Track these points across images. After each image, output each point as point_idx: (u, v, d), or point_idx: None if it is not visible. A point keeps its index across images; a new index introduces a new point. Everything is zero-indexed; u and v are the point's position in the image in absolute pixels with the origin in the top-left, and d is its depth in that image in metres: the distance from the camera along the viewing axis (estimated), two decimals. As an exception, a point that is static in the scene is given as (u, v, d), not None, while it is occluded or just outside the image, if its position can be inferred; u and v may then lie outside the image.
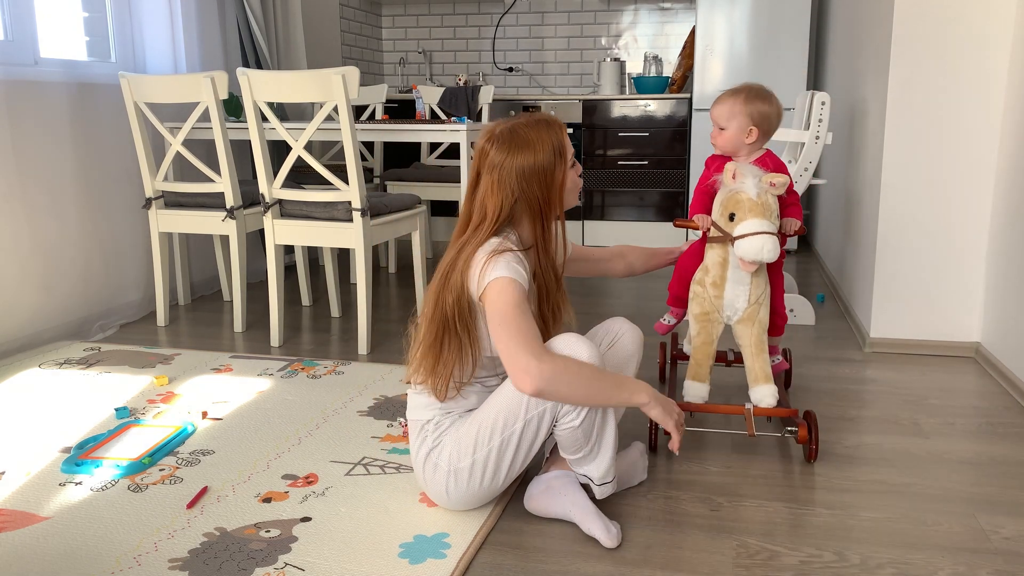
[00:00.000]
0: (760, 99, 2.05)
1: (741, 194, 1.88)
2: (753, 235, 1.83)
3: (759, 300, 1.99)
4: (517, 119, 1.67)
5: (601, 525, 1.62)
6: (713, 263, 1.98)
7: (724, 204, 1.92)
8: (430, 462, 1.67)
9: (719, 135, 2.11)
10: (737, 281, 1.95)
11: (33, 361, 2.79)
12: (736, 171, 1.88)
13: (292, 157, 2.88)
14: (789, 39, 4.61)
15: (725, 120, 2.08)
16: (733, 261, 1.94)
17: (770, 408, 1.98)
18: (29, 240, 2.93)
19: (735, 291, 1.96)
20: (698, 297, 2.03)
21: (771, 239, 1.83)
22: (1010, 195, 2.59)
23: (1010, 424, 2.25)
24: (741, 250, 1.85)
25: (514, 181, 1.61)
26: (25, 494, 1.85)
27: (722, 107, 2.08)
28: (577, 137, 5.04)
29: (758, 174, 1.89)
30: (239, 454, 2.05)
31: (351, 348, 2.99)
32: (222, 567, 1.54)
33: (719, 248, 1.96)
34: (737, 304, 1.98)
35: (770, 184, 1.88)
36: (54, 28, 3.19)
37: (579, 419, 1.58)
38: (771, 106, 2.06)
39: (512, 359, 1.50)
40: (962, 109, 2.71)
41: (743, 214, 1.86)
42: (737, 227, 1.87)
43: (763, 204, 1.86)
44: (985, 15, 2.63)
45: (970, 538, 1.66)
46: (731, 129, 2.07)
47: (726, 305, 1.99)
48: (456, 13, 5.72)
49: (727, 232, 1.90)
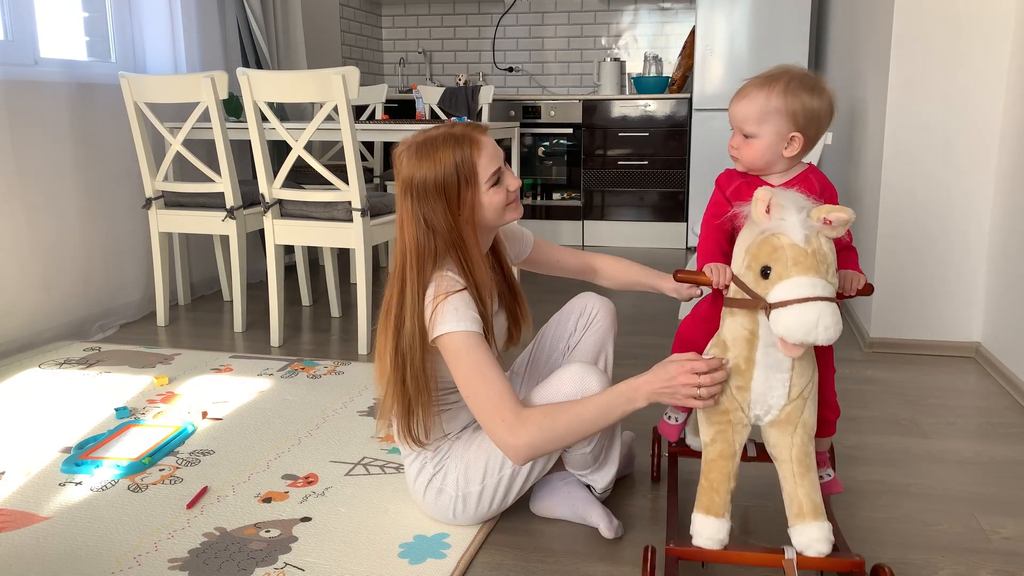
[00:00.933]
0: (807, 90, 1.41)
1: (781, 237, 1.27)
2: (801, 302, 1.23)
3: (804, 394, 1.36)
4: (437, 128, 1.53)
5: (603, 515, 1.63)
6: (734, 338, 1.37)
7: (754, 252, 1.31)
8: (433, 487, 1.64)
9: (745, 145, 1.46)
10: (772, 367, 1.35)
11: (33, 361, 2.79)
12: (772, 201, 1.28)
13: (292, 157, 2.88)
14: (789, 39, 4.61)
15: (755, 123, 1.43)
16: (765, 337, 1.33)
17: (822, 558, 1.33)
18: (29, 240, 2.93)
19: (768, 381, 1.36)
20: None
21: (829, 308, 1.22)
22: (1010, 195, 2.59)
23: (1010, 424, 2.25)
24: (782, 325, 1.24)
25: (421, 204, 1.48)
26: (25, 494, 1.85)
27: (750, 103, 1.44)
28: (577, 137, 5.04)
29: (806, 206, 1.28)
30: (239, 454, 2.05)
31: (351, 348, 2.99)
32: (222, 567, 1.54)
33: (744, 317, 1.36)
34: (771, 400, 1.36)
35: (825, 221, 1.26)
36: (54, 28, 3.19)
37: (590, 445, 1.58)
38: (822, 100, 1.42)
39: (491, 434, 1.46)
40: (962, 109, 2.71)
41: (784, 269, 1.26)
42: (775, 288, 1.27)
43: (815, 254, 1.25)
44: (985, 15, 2.63)
45: (970, 538, 1.66)
46: (764, 136, 1.43)
47: (754, 401, 1.37)
48: (456, 13, 5.72)
49: (758, 295, 1.31)
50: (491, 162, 1.51)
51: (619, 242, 5.15)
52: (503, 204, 1.54)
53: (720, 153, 4.72)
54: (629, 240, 5.13)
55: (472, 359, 1.45)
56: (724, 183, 1.52)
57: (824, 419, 1.49)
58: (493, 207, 1.53)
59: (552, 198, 5.19)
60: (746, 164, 1.49)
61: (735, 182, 1.50)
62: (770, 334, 1.31)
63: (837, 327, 1.23)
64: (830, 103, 1.44)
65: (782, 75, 1.43)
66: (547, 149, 5.13)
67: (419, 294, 1.50)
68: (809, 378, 1.37)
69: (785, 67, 1.46)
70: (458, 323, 1.46)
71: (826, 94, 1.43)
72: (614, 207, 5.11)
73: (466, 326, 1.46)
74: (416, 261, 1.50)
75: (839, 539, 1.40)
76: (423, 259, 1.50)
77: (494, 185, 1.52)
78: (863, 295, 1.51)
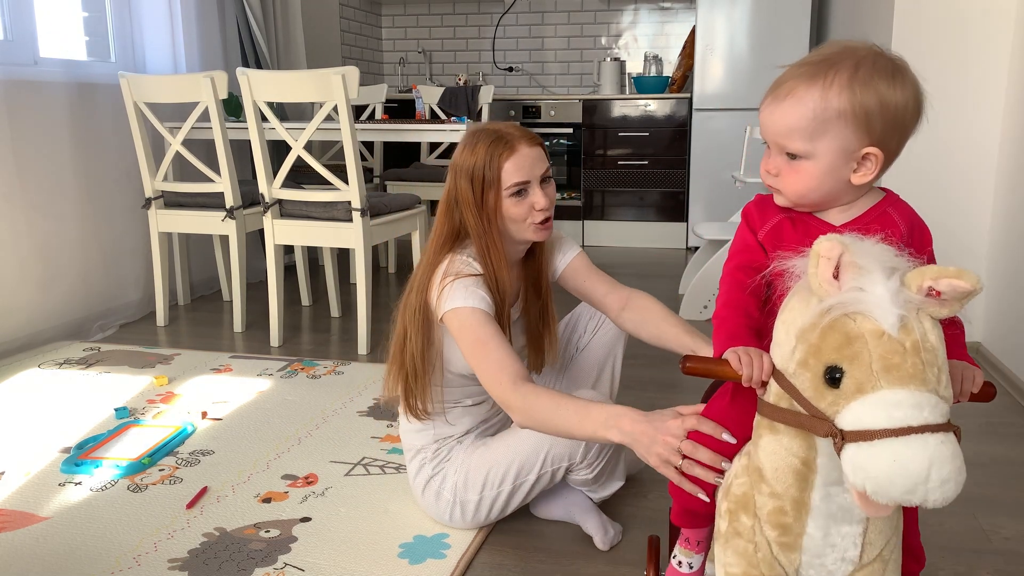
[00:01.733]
0: (884, 77, 0.94)
1: (860, 320, 0.82)
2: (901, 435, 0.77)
3: (884, 554, 0.94)
4: (496, 124, 1.55)
5: (599, 525, 1.62)
6: (776, 469, 0.93)
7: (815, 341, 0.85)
8: (431, 489, 1.64)
9: (790, 171, 0.98)
10: (836, 516, 0.92)
11: (33, 361, 2.79)
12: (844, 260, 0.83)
13: (292, 157, 2.88)
14: (789, 39, 4.61)
15: (806, 138, 0.95)
16: (827, 470, 0.90)
17: None
18: (29, 240, 2.93)
19: (830, 537, 0.92)
20: (739, 540, 0.98)
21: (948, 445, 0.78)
22: (1010, 195, 2.59)
23: (1010, 424, 2.25)
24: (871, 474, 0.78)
25: (455, 187, 1.51)
26: (25, 494, 1.84)
27: (798, 107, 0.95)
28: (577, 137, 5.04)
29: (898, 267, 0.84)
30: (239, 454, 2.05)
31: (351, 348, 2.99)
32: (222, 567, 1.54)
33: (793, 440, 0.91)
34: (832, 564, 0.93)
35: (931, 292, 0.83)
36: (54, 28, 3.19)
37: (592, 473, 1.58)
38: (905, 91, 0.95)
39: (492, 394, 1.43)
40: (962, 109, 2.71)
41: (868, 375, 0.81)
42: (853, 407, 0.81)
43: (918, 349, 0.81)
44: (985, 15, 2.63)
45: (970, 538, 1.66)
46: (822, 157, 0.96)
47: (806, 564, 0.94)
48: (456, 13, 5.72)
49: (822, 414, 0.84)
50: (517, 172, 1.48)
51: (619, 242, 5.15)
52: (523, 218, 1.50)
53: (720, 153, 4.72)
54: (629, 240, 5.13)
55: (475, 333, 1.43)
56: (756, 219, 1.04)
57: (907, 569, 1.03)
58: (511, 218, 1.50)
59: (552, 198, 5.18)
60: (792, 198, 1.00)
61: (772, 218, 1.02)
62: (835, 469, 0.86)
63: (959, 478, 0.77)
64: (917, 96, 0.95)
65: (844, 59, 0.93)
66: (547, 149, 5.13)
67: (429, 270, 1.53)
68: (892, 532, 0.93)
69: (845, 45, 0.95)
70: (465, 300, 1.45)
71: (910, 82, 0.95)
72: (614, 207, 5.11)
73: (472, 303, 1.45)
74: (437, 238, 1.54)
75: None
76: (445, 240, 1.53)
77: (515, 195, 1.49)
78: (980, 402, 0.97)
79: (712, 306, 3.51)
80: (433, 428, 1.63)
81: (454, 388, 1.62)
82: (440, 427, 1.63)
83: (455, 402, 1.63)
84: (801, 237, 0.97)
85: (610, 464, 1.61)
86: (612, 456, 1.60)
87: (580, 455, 1.55)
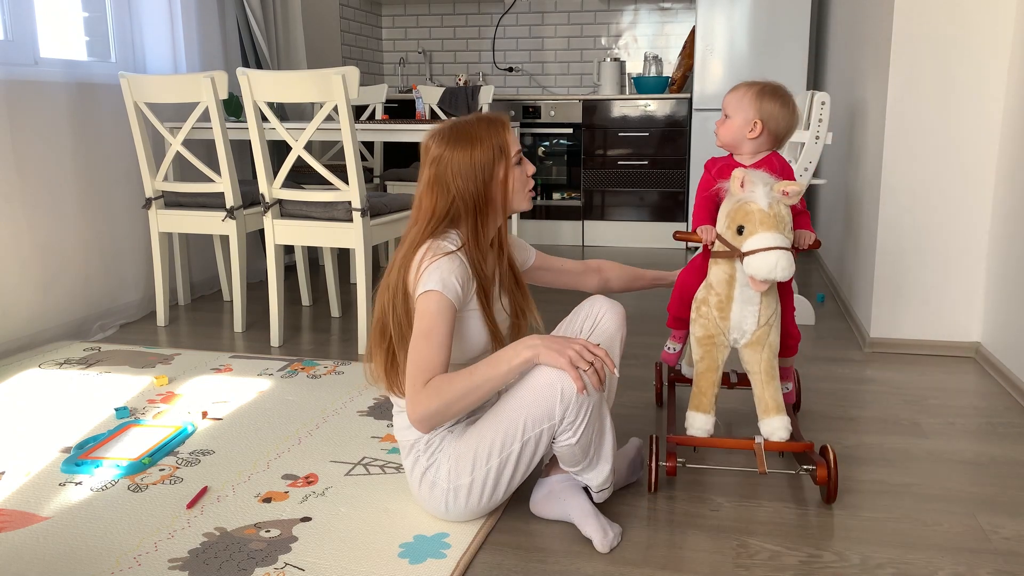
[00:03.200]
0: (775, 98, 1.88)
1: (751, 204, 1.70)
2: (765, 251, 1.65)
3: (769, 321, 1.80)
4: (465, 117, 1.67)
5: (598, 527, 1.62)
6: (718, 280, 1.80)
7: (731, 215, 1.74)
8: (427, 481, 1.65)
9: (722, 123, 1.94)
10: (745, 301, 1.78)
11: (33, 361, 2.79)
12: (745, 178, 1.71)
13: (292, 157, 2.88)
14: (789, 39, 4.61)
15: (732, 109, 1.91)
16: (741, 278, 1.76)
17: (783, 442, 1.80)
18: (29, 240, 2.93)
19: (743, 312, 1.78)
20: (701, 318, 1.85)
21: (785, 255, 1.65)
22: (1010, 195, 2.59)
23: (1010, 424, 2.25)
24: (751, 267, 1.67)
25: (451, 177, 1.60)
26: (25, 494, 1.84)
27: (733, 94, 1.93)
28: (577, 137, 5.04)
29: (769, 181, 1.71)
30: (239, 454, 2.05)
31: (351, 348, 2.99)
32: (222, 567, 1.54)
33: (725, 264, 1.78)
34: (745, 326, 1.79)
35: (783, 193, 1.70)
36: (54, 28, 3.19)
37: (576, 437, 1.57)
38: (784, 108, 1.88)
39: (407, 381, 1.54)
40: (962, 109, 2.71)
41: (753, 227, 1.68)
42: (746, 241, 1.69)
43: (776, 216, 1.68)
44: (985, 15, 2.63)
45: (970, 538, 1.66)
46: (736, 119, 1.90)
47: (733, 327, 1.81)
48: (456, 13, 5.72)
49: (734, 247, 1.73)
50: (515, 142, 1.66)
51: (619, 242, 5.15)
52: (524, 185, 1.68)
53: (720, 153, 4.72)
54: (629, 240, 5.13)
55: (430, 322, 1.53)
56: (710, 165, 1.98)
57: (786, 343, 1.94)
58: (518, 186, 1.66)
59: (552, 198, 5.19)
60: (721, 139, 1.95)
61: (718, 164, 1.96)
62: (744, 276, 1.74)
63: (791, 269, 1.66)
64: (792, 110, 1.89)
65: (762, 83, 1.92)
66: (547, 149, 5.14)
67: (412, 249, 1.60)
68: (773, 310, 1.81)
69: (769, 81, 1.93)
70: (438, 285, 1.54)
71: (791, 105, 1.89)
72: (614, 207, 5.11)
73: (442, 289, 1.54)
74: (428, 221, 1.61)
75: (796, 430, 1.87)
76: (435, 221, 1.61)
77: (518, 164, 1.66)
78: (813, 249, 1.93)
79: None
80: None
81: None
82: None
83: None
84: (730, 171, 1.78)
85: (592, 426, 1.57)
86: (593, 416, 1.56)
87: (558, 411, 1.52)
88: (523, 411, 1.55)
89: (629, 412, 2.29)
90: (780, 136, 1.91)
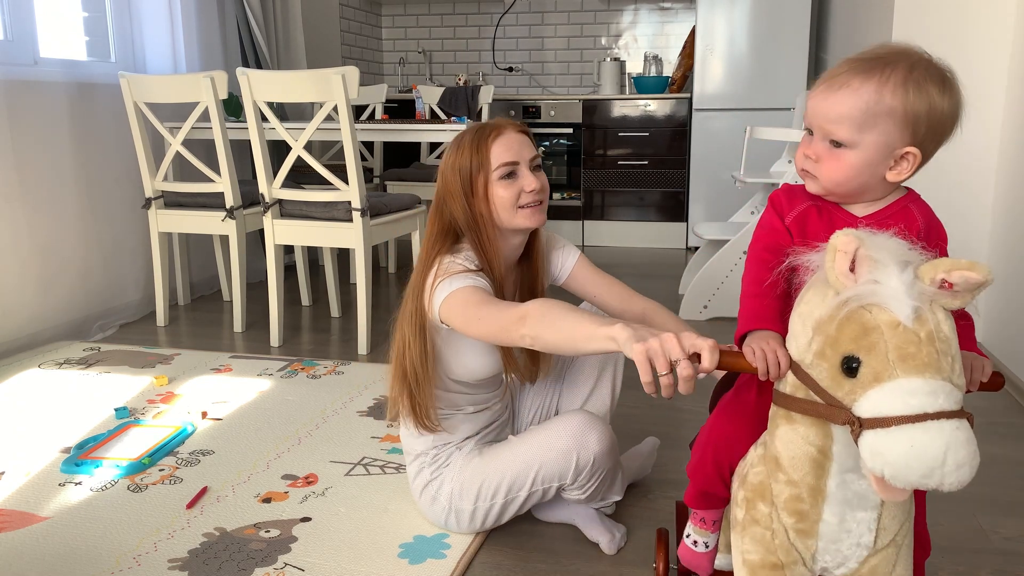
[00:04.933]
0: (936, 84, 0.98)
1: (876, 312, 0.85)
2: (917, 421, 0.80)
3: (897, 539, 0.98)
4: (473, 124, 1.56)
5: (604, 530, 1.62)
6: (793, 457, 0.97)
7: (831, 332, 0.88)
8: (428, 493, 1.64)
9: (830, 158, 1.01)
10: (851, 502, 0.96)
11: (33, 361, 2.79)
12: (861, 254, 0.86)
13: (292, 157, 2.88)
14: (789, 39, 4.61)
15: (854, 128, 0.98)
16: (843, 458, 0.94)
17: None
18: (29, 240, 2.93)
19: (845, 523, 0.97)
20: (756, 527, 1.01)
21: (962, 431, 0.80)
22: (1010, 195, 2.59)
23: (1010, 424, 2.25)
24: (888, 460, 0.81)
25: (442, 192, 1.51)
26: (25, 494, 1.84)
27: (852, 97, 0.98)
28: (577, 137, 5.04)
29: (912, 260, 0.87)
30: (239, 454, 2.05)
31: (351, 348, 2.99)
32: (222, 567, 1.54)
33: (810, 428, 0.95)
34: (847, 549, 0.97)
35: (943, 285, 0.85)
36: (54, 28, 3.19)
37: (585, 495, 1.56)
38: (952, 100, 0.99)
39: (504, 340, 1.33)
40: (962, 109, 2.70)
41: (884, 364, 0.84)
42: (871, 396, 0.84)
43: (932, 339, 0.84)
44: (985, 15, 2.63)
45: (970, 538, 1.66)
46: (866, 148, 0.98)
47: (823, 550, 0.98)
48: (456, 13, 5.72)
49: (839, 403, 0.88)
50: (506, 151, 1.47)
51: (619, 242, 5.15)
52: (512, 202, 1.47)
53: (720, 153, 4.72)
54: (629, 240, 5.13)
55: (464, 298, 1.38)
56: (784, 205, 1.07)
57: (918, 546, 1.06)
58: (502, 203, 1.47)
59: (552, 198, 5.18)
60: (827, 185, 1.02)
61: (799, 205, 1.06)
62: (850, 456, 0.92)
63: (974, 462, 0.79)
64: (959, 106, 1.00)
65: (899, 59, 0.98)
66: (547, 149, 5.13)
67: (422, 274, 1.51)
68: (905, 518, 0.97)
69: (900, 49, 0.99)
70: (454, 285, 1.42)
71: (956, 93, 1.00)
72: (614, 207, 5.11)
73: (462, 284, 1.41)
74: (428, 240, 1.53)
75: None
76: (435, 240, 1.52)
77: (505, 177, 1.47)
78: (989, 391, 1.01)
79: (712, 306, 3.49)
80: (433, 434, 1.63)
81: (455, 395, 1.61)
82: (440, 433, 1.62)
83: (456, 409, 1.62)
84: (826, 226, 1.01)
85: (603, 486, 1.58)
86: (605, 478, 1.56)
87: (571, 476, 1.52)
88: (537, 464, 1.53)
89: (629, 412, 2.29)
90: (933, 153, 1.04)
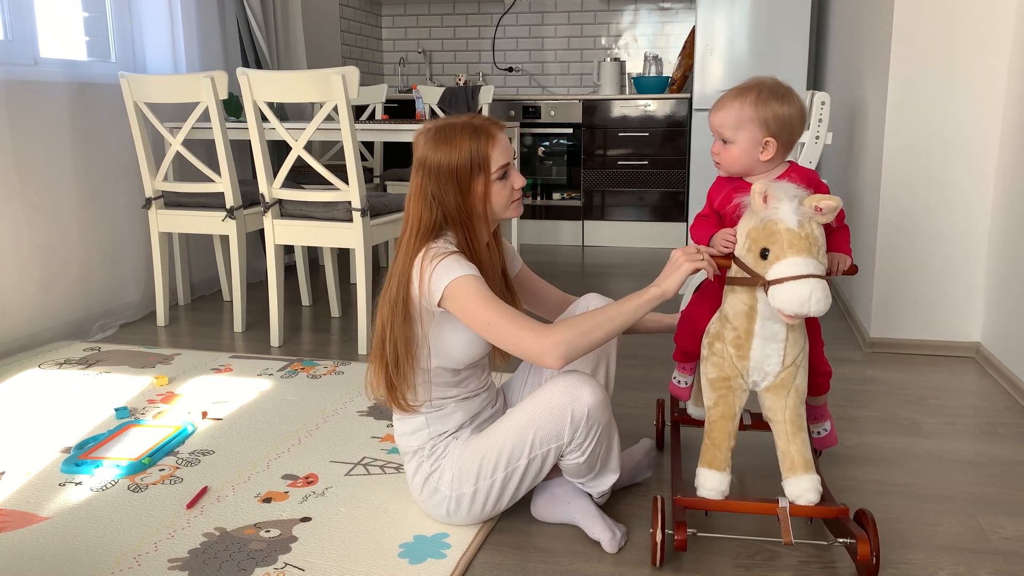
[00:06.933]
0: (776, 98, 1.55)
1: (777, 223, 1.43)
2: (797, 279, 1.39)
3: (796, 361, 1.53)
4: (458, 117, 1.61)
5: (605, 528, 1.62)
6: (735, 313, 1.52)
7: (754, 236, 1.46)
8: (429, 486, 1.65)
9: (724, 151, 1.59)
10: (768, 337, 1.50)
11: (33, 361, 2.79)
12: (768, 192, 1.44)
13: (292, 157, 2.88)
14: (789, 39, 4.61)
15: (731, 130, 1.56)
16: (763, 311, 1.49)
17: (812, 507, 1.51)
18: (29, 240, 2.93)
19: (765, 350, 1.51)
20: (715, 356, 1.57)
21: (820, 284, 1.39)
22: (1010, 195, 2.59)
23: (1010, 424, 2.25)
24: (779, 299, 1.40)
25: (432, 187, 1.56)
26: (25, 494, 1.84)
27: (726, 112, 1.57)
28: (577, 137, 5.04)
29: (798, 195, 1.44)
30: (239, 454, 2.05)
31: (351, 348, 2.99)
32: (222, 567, 1.54)
33: (744, 294, 1.51)
34: (767, 367, 1.52)
35: (815, 208, 1.43)
36: (54, 28, 3.19)
37: (583, 456, 1.57)
38: (791, 106, 1.55)
39: (522, 350, 1.49)
40: (962, 109, 2.71)
41: (781, 250, 1.42)
42: (773, 267, 1.42)
43: (807, 237, 1.42)
44: (985, 15, 2.63)
45: (970, 538, 1.66)
46: (740, 142, 1.56)
47: (752, 368, 1.53)
48: (456, 13, 5.72)
49: (757, 273, 1.45)
50: (502, 156, 1.58)
51: (619, 242, 5.15)
52: (507, 199, 1.61)
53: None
54: (629, 240, 5.13)
55: (481, 294, 1.50)
56: (714, 193, 1.65)
57: (816, 382, 1.67)
58: (499, 199, 1.60)
59: (552, 198, 5.19)
60: (727, 168, 1.62)
61: (725, 189, 1.62)
62: (768, 308, 1.48)
63: (827, 301, 1.40)
64: (800, 109, 1.57)
65: (754, 86, 1.58)
66: (547, 149, 5.13)
67: (408, 260, 1.56)
68: (801, 348, 1.54)
69: (757, 79, 1.60)
70: (463, 270, 1.51)
71: (796, 101, 1.57)
72: (614, 207, 5.11)
73: (465, 271, 1.51)
74: (416, 233, 1.57)
75: (826, 491, 1.55)
76: (422, 232, 1.57)
77: (501, 178, 1.59)
78: (848, 275, 1.63)
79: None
80: (427, 427, 1.64)
81: (446, 382, 1.63)
82: (434, 425, 1.64)
83: (448, 397, 1.64)
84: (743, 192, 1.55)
85: (600, 445, 1.58)
86: (602, 436, 1.57)
87: (568, 433, 1.53)
88: (532, 428, 1.55)
89: (629, 412, 2.29)
90: (794, 141, 1.60)
